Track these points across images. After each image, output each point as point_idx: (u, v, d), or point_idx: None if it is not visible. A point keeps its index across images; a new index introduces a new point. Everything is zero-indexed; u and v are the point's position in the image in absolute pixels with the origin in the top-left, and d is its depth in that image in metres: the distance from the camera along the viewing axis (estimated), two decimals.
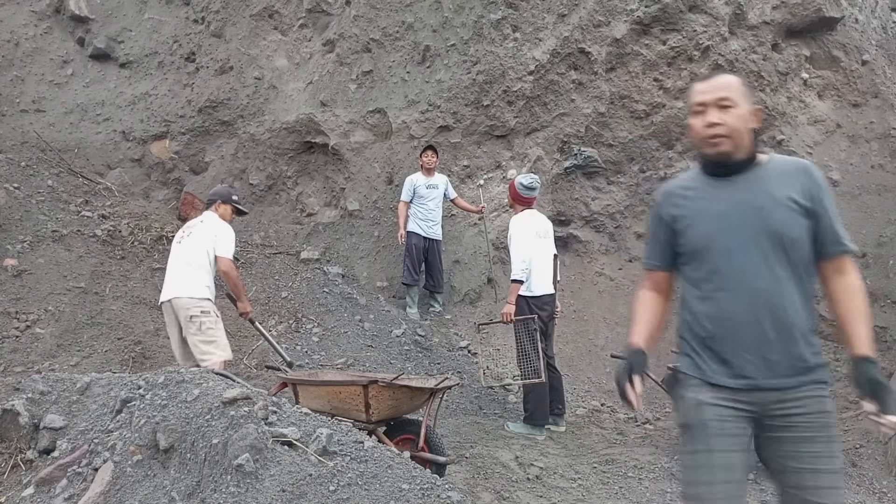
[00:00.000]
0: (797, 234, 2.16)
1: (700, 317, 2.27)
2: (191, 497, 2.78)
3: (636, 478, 4.76)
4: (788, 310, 2.16)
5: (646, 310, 2.48)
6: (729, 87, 2.23)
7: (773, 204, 2.16)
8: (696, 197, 2.28)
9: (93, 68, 9.99)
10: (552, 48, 7.79)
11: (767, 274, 2.15)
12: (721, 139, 2.19)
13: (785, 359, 2.15)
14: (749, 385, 2.17)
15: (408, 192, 7.39)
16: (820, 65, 8.68)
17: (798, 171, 2.22)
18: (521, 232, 5.61)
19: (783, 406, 2.16)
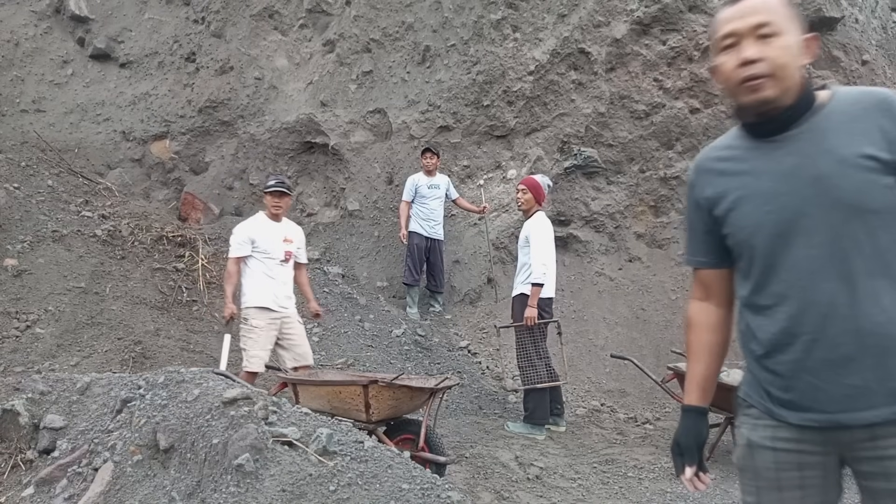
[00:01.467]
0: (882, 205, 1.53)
1: (755, 329, 1.69)
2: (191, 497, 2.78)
3: (636, 478, 4.76)
4: (876, 315, 1.53)
5: (698, 341, 1.86)
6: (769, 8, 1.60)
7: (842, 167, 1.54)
8: (737, 170, 1.69)
9: (93, 68, 9.99)
10: (552, 48, 7.79)
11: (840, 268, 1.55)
12: (761, 81, 1.58)
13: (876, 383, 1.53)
14: (823, 422, 1.59)
15: (409, 191, 7.38)
16: (820, 65, 8.67)
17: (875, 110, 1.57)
18: (543, 233, 5.65)
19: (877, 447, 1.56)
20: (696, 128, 8.16)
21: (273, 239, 5.15)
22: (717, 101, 8.12)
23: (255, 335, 5.03)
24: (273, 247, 5.14)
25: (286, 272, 5.22)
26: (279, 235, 5.19)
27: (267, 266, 5.11)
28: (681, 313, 7.56)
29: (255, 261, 5.11)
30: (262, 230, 5.15)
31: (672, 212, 8.33)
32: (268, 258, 5.11)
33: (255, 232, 5.12)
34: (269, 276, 5.11)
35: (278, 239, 5.18)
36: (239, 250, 5.09)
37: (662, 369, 6.23)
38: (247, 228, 5.16)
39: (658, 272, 8.04)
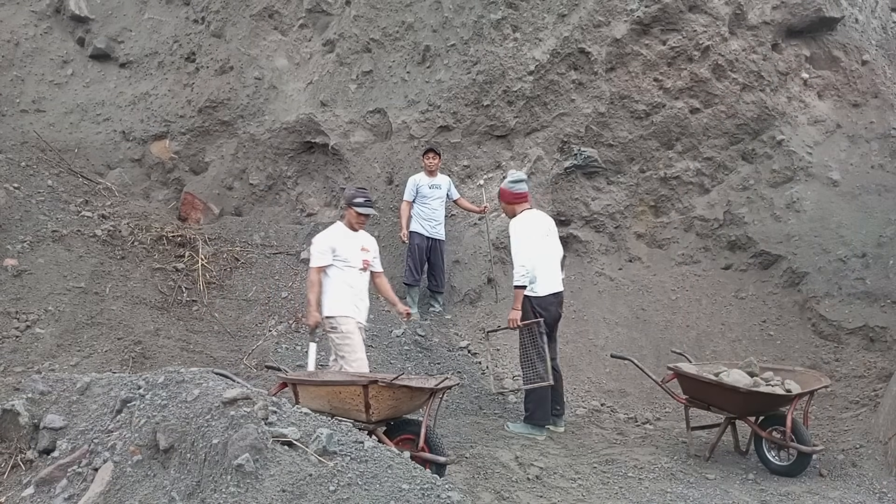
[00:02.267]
0: None
1: None
2: (191, 497, 2.78)
3: (636, 478, 4.76)
4: None
5: None
6: None
7: None
8: None
9: (93, 68, 9.99)
10: (552, 48, 7.79)
11: None
12: None
13: None
14: None
15: (411, 191, 7.37)
16: (820, 65, 8.67)
17: None
18: (521, 234, 5.54)
19: None
20: (696, 128, 8.16)
21: (352, 248, 5.27)
22: (717, 101, 8.13)
23: (349, 341, 5.11)
24: (352, 256, 5.24)
25: (363, 281, 5.35)
26: (357, 245, 5.32)
27: (347, 275, 5.21)
28: (681, 313, 7.57)
29: (336, 270, 5.20)
30: (341, 240, 5.26)
31: (672, 212, 8.33)
32: (348, 267, 5.21)
33: (335, 241, 5.23)
34: (349, 284, 5.21)
35: (356, 248, 5.30)
36: (320, 259, 5.19)
37: (662, 369, 6.23)
38: (327, 238, 5.29)
39: (658, 272, 8.04)
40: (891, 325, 6.70)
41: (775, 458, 5.03)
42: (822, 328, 7.05)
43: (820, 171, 8.09)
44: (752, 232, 7.90)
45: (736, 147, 8.28)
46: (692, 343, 7.17)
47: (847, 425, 5.81)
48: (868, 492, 4.71)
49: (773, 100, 8.24)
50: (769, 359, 6.63)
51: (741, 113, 8.15)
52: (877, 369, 6.42)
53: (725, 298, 7.66)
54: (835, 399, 6.24)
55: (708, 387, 5.10)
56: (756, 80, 8.17)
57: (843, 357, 6.72)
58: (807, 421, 5.11)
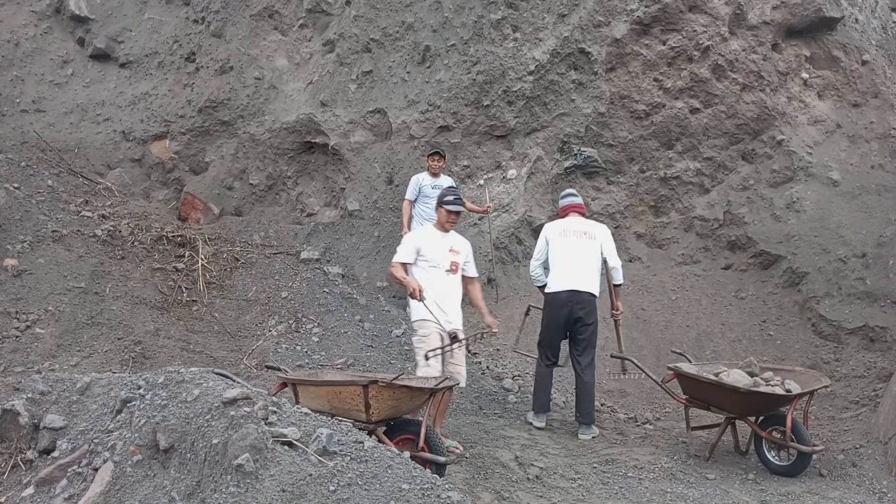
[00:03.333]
0: None
1: None
2: (191, 497, 2.78)
3: (636, 478, 4.76)
4: None
5: None
6: None
7: None
8: None
9: (93, 68, 9.99)
10: (552, 48, 7.79)
11: None
12: None
13: None
14: None
15: (413, 190, 7.34)
16: (820, 65, 8.67)
17: None
18: (542, 234, 6.04)
19: None
20: (696, 128, 8.16)
21: (439, 249, 5.09)
22: (717, 101, 8.13)
23: (426, 343, 4.88)
24: (439, 257, 5.06)
25: (450, 284, 5.10)
26: (445, 245, 5.14)
27: (431, 276, 5.01)
28: (681, 313, 7.56)
29: (419, 270, 5.05)
30: (428, 240, 5.14)
31: (672, 212, 8.33)
32: (432, 268, 5.04)
33: (421, 241, 5.12)
34: (431, 286, 4.97)
35: (444, 249, 5.11)
36: (402, 256, 5.08)
37: (662, 369, 6.23)
38: (414, 237, 5.28)
39: (658, 272, 8.04)
40: (891, 325, 6.71)
41: (775, 458, 5.03)
42: (822, 328, 7.05)
43: (820, 171, 8.09)
44: (752, 232, 7.90)
45: (736, 147, 8.28)
46: (692, 343, 7.17)
47: (847, 425, 5.81)
48: (868, 492, 4.71)
49: (773, 100, 8.24)
50: (769, 359, 6.63)
51: (741, 113, 8.15)
52: (877, 369, 6.42)
53: (725, 298, 7.66)
54: (835, 399, 6.24)
55: (708, 387, 5.10)
56: (756, 80, 8.17)
57: (843, 357, 6.72)
58: (807, 421, 5.11)
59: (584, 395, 5.68)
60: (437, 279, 5.02)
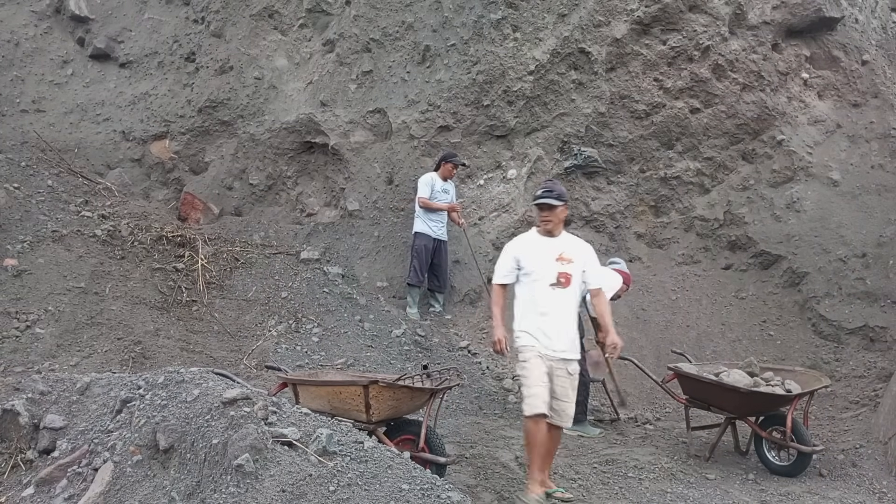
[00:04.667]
0: None
1: None
2: (191, 497, 2.78)
3: (636, 478, 4.76)
4: None
5: None
6: None
7: None
8: None
9: (93, 68, 9.99)
10: (552, 48, 7.79)
11: None
12: None
13: None
14: None
15: (428, 188, 7.34)
16: (820, 65, 8.67)
17: None
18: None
19: None
20: (696, 128, 8.16)
21: (541, 258, 4.17)
22: (717, 101, 8.12)
23: (526, 372, 4.12)
24: (540, 267, 4.15)
25: (558, 301, 4.14)
26: (550, 253, 4.18)
27: (533, 292, 4.16)
28: (681, 313, 7.56)
29: (522, 285, 4.24)
30: (529, 247, 4.25)
31: (672, 212, 8.33)
32: (534, 282, 4.15)
33: (520, 250, 4.26)
34: (534, 303, 4.15)
35: (548, 257, 4.17)
36: (499, 275, 4.29)
37: (662, 369, 6.23)
38: (512, 245, 4.35)
39: (658, 272, 8.03)
40: (891, 325, 6.71)
41: (775, 458, 5.04)
42: (822, 328, 7.05)
43: (820, 171, 8.09)
44: (752, 232, 7.90)
45: (736, 147, 8.28)
46: (692, 343, 7.17)
47: (847, 425, 5.81)
48: (868, 492, 4.71)
49: (773, 100, 8.24)
50: (769, 359, 6.63)
51: (741, 113, 8.15)
52: (877, 369, 6.42)
53: (725, 298, 7.66)
54: (835, 399, 6.24)
55: (708, 387, 5.10)
56: (756, 80, 8.17)
57: (843, 357, 6.72)
58: (807, 421, 5.11)
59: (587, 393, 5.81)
60: (540, 296, 4.13)
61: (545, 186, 4.33)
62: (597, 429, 5.72)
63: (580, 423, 5.64)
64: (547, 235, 4.26)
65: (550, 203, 4.20)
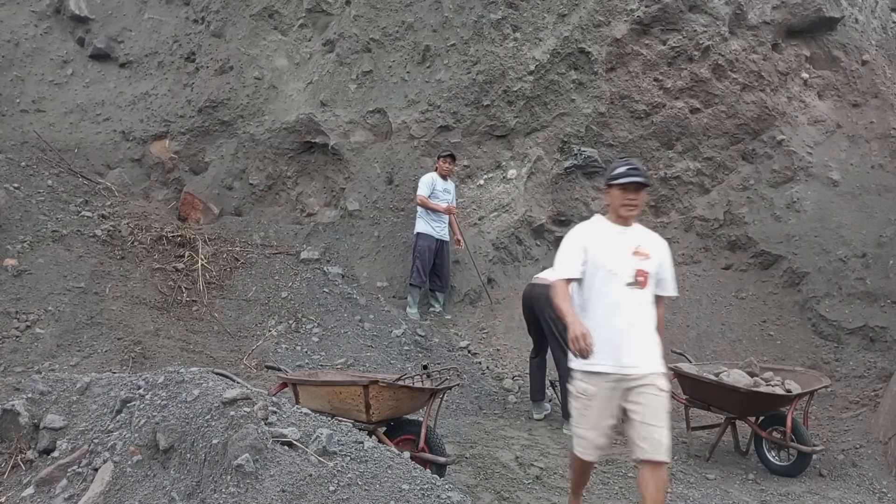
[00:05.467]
0: None
1: None
2: (191, 497, 2.78)
3: (636, 478, 4.76)
4: None
5: None
6: None
7: None
8: None
9: (93, 68, 9.99)
10: (552, 48, 7.79)
11: None
12: None
13: None
14: None
15: (429, 187, 7.36)
16: (820, 65, 8.67)
17: None
18: None
19: None
20: (696, 128, 8.16)
21: (616, 250, 3.35)
22: (717, 101, 8.12)
23: (580, 406, 3.33)
24: (615, 262, 3.32)
25: (635, 303, 3.30)
26: (625, 246, 3.37)
27: (603, 292, 3.31)
28: (681, 313, 7.56)
29: (586, 285, 3.37)
30: (600, 236, 3.40)
31: (672, 212, 8.33)
32: (606, 280, 3.31)
33: (589, 238, 3.41)
34: (603, 307, 3.30)
35: (624, 250, 3.35)
36: (565, 267, 3.38)
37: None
38: (580, 234, 3.46)
39: None
40: (891, 325, 6.71)
41: (775, 458, 5.04)
42: (822, 328, 7.05)
43: (820, 171, 8.09)
44: (752, 232, 7.90)
45: (736, 147, 8.28)
46: (692, 343, 7.17)
47: (847, 425, 5.81)
48: (868, 492, 4.71)
49: (773, 100, 8.24)
50: (769, 359, 6.63)
51: (741, 113, 8.15)
52: (877, 369, 6.42)
53: (725, 298, 7.66)
54: (835, 399, 6.24)
55: (708, 387, 5.10)
56: (756, 80, 8.17)
57: (843, 357, 6.72)
58: (807, 421, 5.11)
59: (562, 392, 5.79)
60: (612, 298, 3.29)
61: (627, 163, 3.43)
62: None
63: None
64: (621, 224, 3.41)
65: (639, 182, 3.34)
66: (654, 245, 3.46)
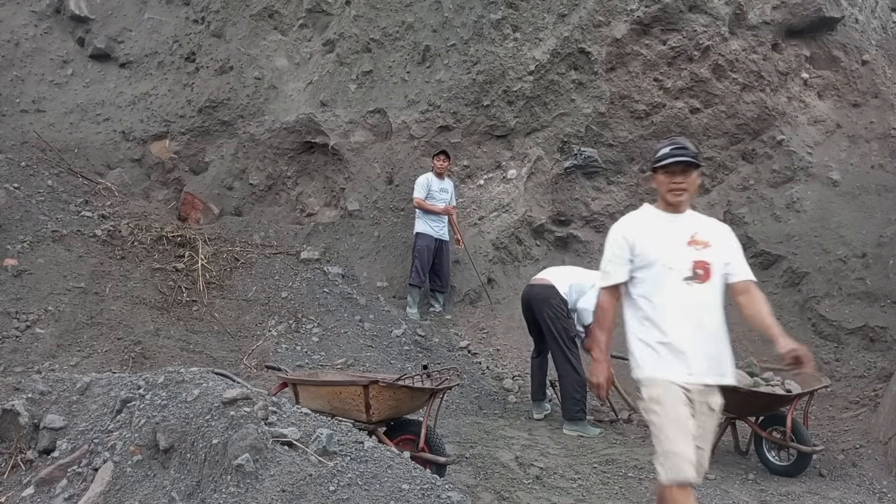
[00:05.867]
0: None
1: None
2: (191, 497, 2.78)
3: (636, 478, 4.76)
4: None
5: None
6: None
7: None
8: None
9: (93, 68, 9.99)
10: (552, 48, 7.79)
11: None
12: None
13: None
14: None
15: (424, 188, 7.37)
16: (820, 65, 8.68)
17: None
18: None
19: None
20: (696, 128, 8.16)
21: (668, 242, 2.92)
22: (717, 101, 8.12)
23: (659, 414, 2.84)
24: (668, 255, 2.89)
25: (698, 300, 2.88)
26: (680, 235, 2.94)
27: (657, 290, 2.89)
28: None
29: (638, 283, 2.96)
30: (648, 228, 2.98)
31: None
32: (659, 276, 2.89)
33: (636, 231, 2.98)
34: (659, 307, 2.88)
35: (679, 241, 2.93)
36: (610, 274, 3.00)
37: None
38: (625, 228, 3.03)
39: None
40: (891, 325, 6.70)
41: (775, 458, 5.03)
42: (822, 328, 7.05)
43: (820, 171, 8.09)
44: (752, 232, 7.90)
45: (736, 147, 8.28)
46: None
47: (847, 425, 5.81)
48: (868, 492, 4.71)
49: (773, 100, 8.24)
50: (769, 359, 6.63)
51: (741, 113, 8.15)
52: (877, 369, 6.42)
53: (725, 298, 7.65)
54: (835, 399, 6.24)
55: None
56: (756, 80, 8.17)
57: (843, 357, 6.72)
58: (807, 421, 5.11)
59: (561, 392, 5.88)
60: (668, 296, 2.87)
61: (672, 142, 3.03)
62: (597, 429, 5.72)
63: (580, 422, 5.65)
64: (672, 211, 3.01)
65: (687, 161, 2.91)
66: (714, 232, 3.02)
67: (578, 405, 5.65)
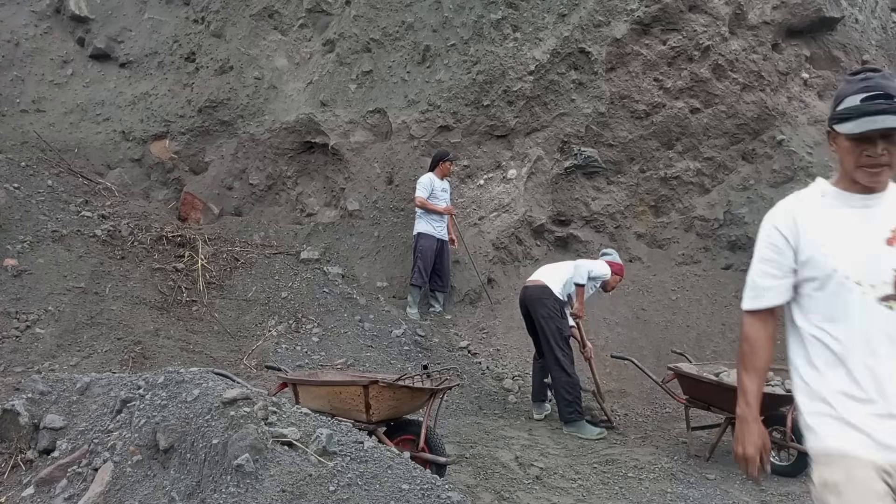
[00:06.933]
0: None
1: None
2: (191, 497, 2.78)
3: (636, 478, 4.76)
4: None
5: None
6: None
7: None
8: None
9: (93, 68, 9.99)
10: (552, 48, 7.79)
11: None
12: None
13: None
14: None
15: (427, 188, 7.37)
16: (820, 65, 8.67)
17: None
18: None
19: None
20: (696, 128, 8.16)
21: (854, 241, 1.92)
22: (718, 101, 8.12)
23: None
24: (854, 263, 1.88)
25: None
26: (874, 231, 1.92)
27: (841, 316, 1.89)
28: (681, 313, 7.57)
29: (805, 304, 2.00)
30: (823, 224, 2.00)
31: (672, 212, 8.33)
32: (841, 295, 1.89)
33: (802, 226, 2.02)
34: (845, 342, 1.88)
35: (871, 240, 1.91)
36: (760, 290, 2.12)
37: (662, 369, 6.23)
38: (781, 220, 2.08)
39: (658, 272, 8.04)
40: None
41: (775, 458, 5.03)
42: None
43: (820, 171, 8.08)
44: (752, 232, 7.89)
45: (736, 147, 8.28)
46: (692, 343, 7.17)
47: None
48: None
49: (774, 100, 8.24)
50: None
51: (741, 113, 8.15)
52: None
53: (725, 298, 7.66)
54: None
55: (708, 387, 5.10)
56: (756, 80, 8.17)
57: None
58: None
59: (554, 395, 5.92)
60: (861, 324, 1.86)
61: (865, 87, 1.95)
62: (596, 428, 5.72)
63: (575, 423, 5.65)
64: (863, 193, 1.99)
65: (890, 127, 1.84)
66: None
67: (571, 406, 5.66)
